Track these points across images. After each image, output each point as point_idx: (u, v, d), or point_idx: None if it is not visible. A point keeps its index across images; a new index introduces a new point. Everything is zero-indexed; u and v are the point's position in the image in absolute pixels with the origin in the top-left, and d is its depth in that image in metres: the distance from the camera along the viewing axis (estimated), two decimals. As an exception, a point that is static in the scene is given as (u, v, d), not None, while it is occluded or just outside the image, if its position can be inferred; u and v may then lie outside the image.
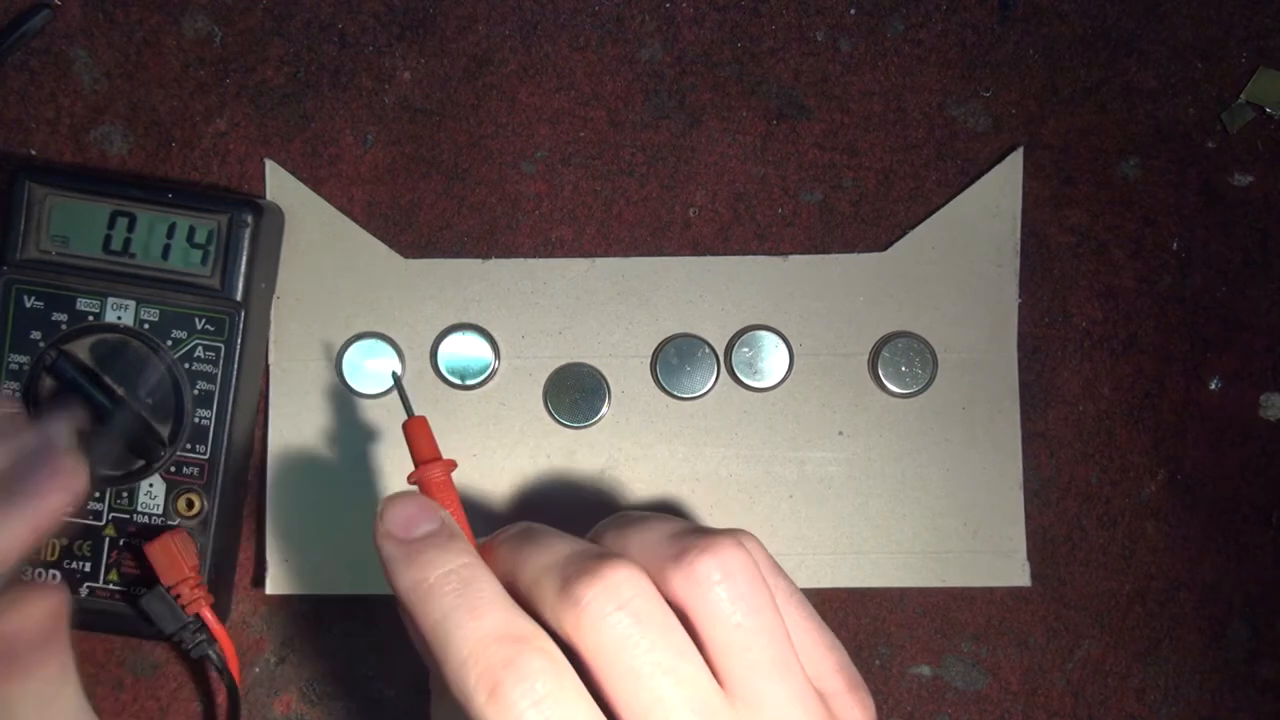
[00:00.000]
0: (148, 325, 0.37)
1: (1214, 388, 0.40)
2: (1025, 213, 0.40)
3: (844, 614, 0.40)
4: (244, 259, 0.37)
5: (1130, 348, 0.40)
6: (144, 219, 0.37)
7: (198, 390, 0.38)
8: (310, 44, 0.40)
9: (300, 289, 0.40)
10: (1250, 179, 0.40)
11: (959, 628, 0.40)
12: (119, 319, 0.37)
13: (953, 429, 0.40)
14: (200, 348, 0.37)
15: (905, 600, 0.40)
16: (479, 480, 0.40)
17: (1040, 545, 0.40)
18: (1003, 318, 0.40)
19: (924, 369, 0.39)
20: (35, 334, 0.37)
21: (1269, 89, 0.40)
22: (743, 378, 0.40)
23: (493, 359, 0.40)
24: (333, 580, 0.40)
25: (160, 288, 0.37)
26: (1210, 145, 0.40)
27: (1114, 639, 0.40)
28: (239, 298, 0.37)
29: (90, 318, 0.37)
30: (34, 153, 0.40)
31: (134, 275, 0.37)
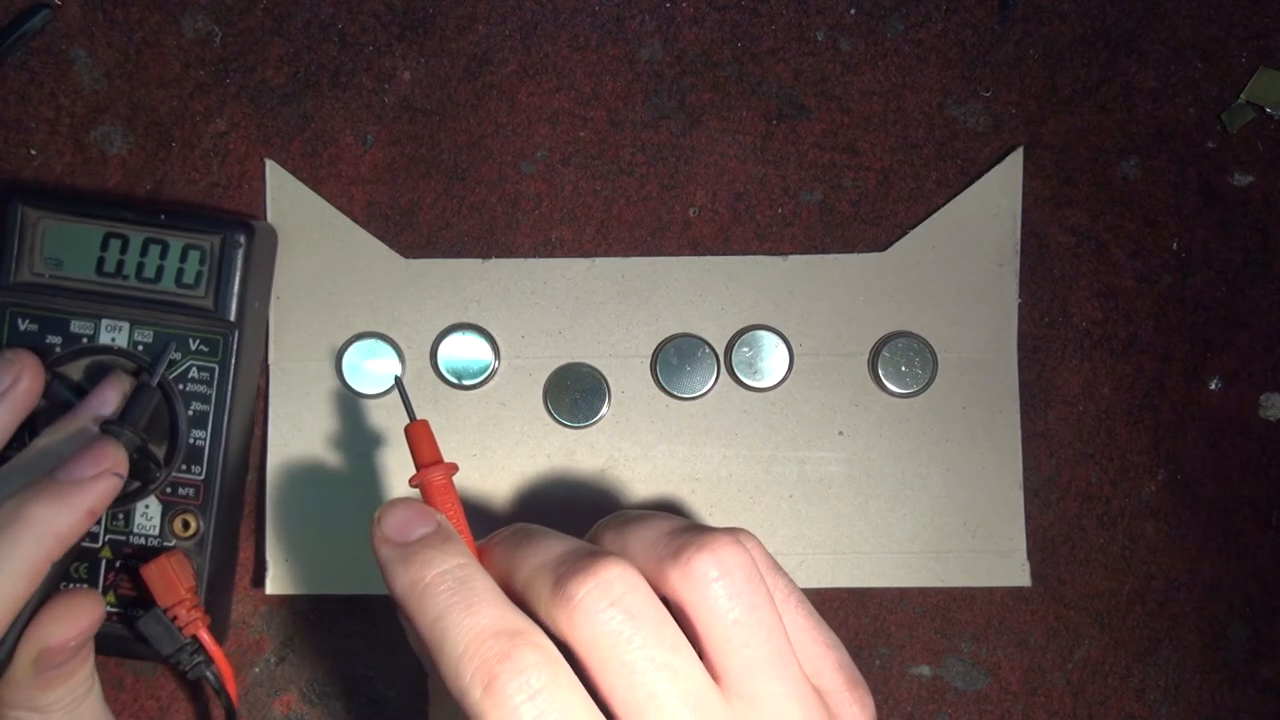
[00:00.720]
0: (142, 347, 0.37)
1: (1214, 387, 0.40)
2: (1025, 213, 0.40)
3: (844, 614, 0.40)
4: (237, 279, 0.37)
5: (1130, 348, 0.40)
6: (137, 241, 0.37)
7: (192, 411, 0.38)
8: (310, 44, 0.40)
9: (300, 289, 0.40)
10: (1250, 179, 0.40)
11: (959, 628, 0.40)
12: (113, 341, 0.37)
13: (953, 429, 0.40)
14: (194, 369, 0.37)
15: (905, 600, 0.40)
16: (479, 480, 0.40)
17: (1040, 545, 0.40)
18: (1003, 318, 0.40)
19: (924, 369, 0.39)
20: None
21: (1269, 89, 0.40)
22: (743, 378, 0.40)
23: (493, 359, 0.40)
24: (333, 580, 0.40)
25: (154, 309, 0.37)
26: (1210, 145, 0.40)
27: (1114, 639, 0.40)
28: (232, 318, 0.37)
29: (84, 340, 0.37)
30: (34, 153, 0.40)
31: (127, 297, 0.37)
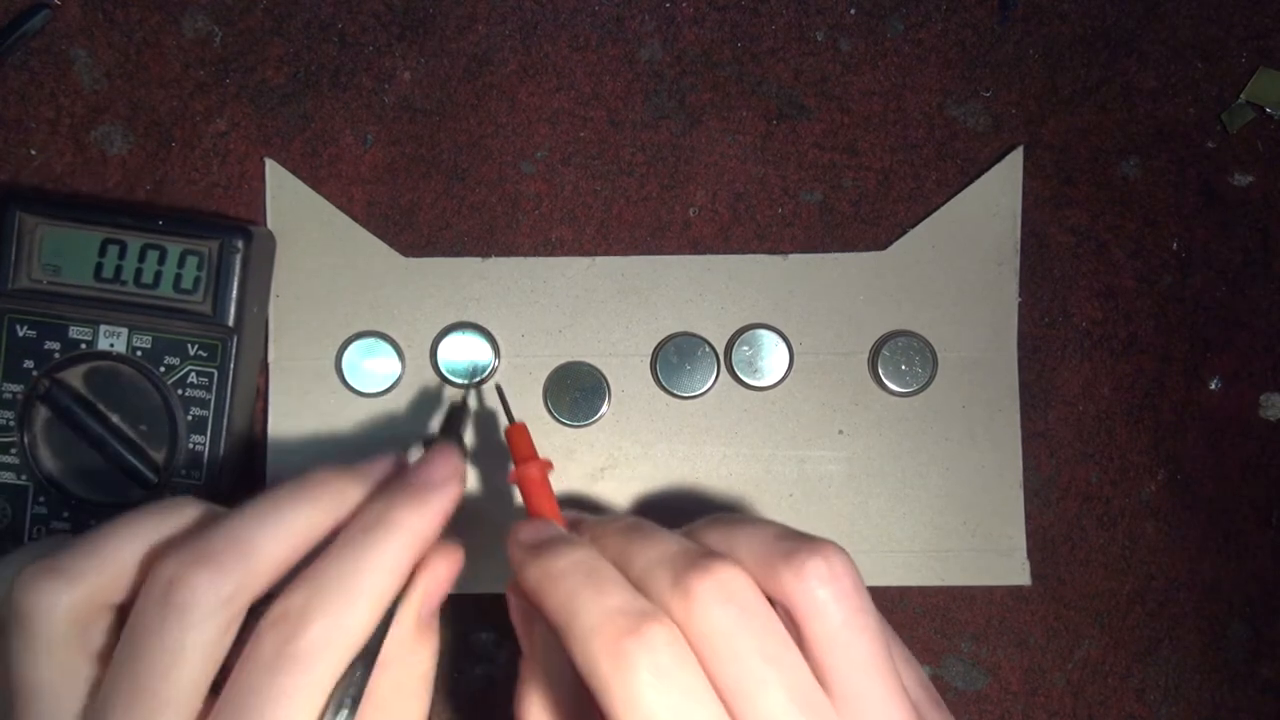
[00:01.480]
0: (140, 352, 0.38)
1: (1214, 387, 0.40)
2: (1025, 212, 0.40)
3: (844, 614, 0.40)
4: (235, 284, 0.37)
5: (1130, 348, 0.40)
6: (135, 246, 0.37)
7: (191, 416, 0.38)
8: (310, 44, 0.40)
9: (300, 288, 0.40)
10: (1250, 179, 0.40)
11: (959, 628, 0.40)
12: (111, 346, 0.37)
13: (953, 427, 0.40)
14: (193, 373, 0.38)
15: (905, 600, 0.40)
16: (479, 480, 0.40)
17: (1040, 545, 0.40)
18: (1003, 316, 0.40)
19: (924, 368, 0.39)
20: (28, 363, 0.37)
21: (1269, 89, 0.40)
22: (743, 376, 0.40)
23: (493, 358, 0.40)
24: (332, 580, 0.40)
25: (152, 314, 0.37)
26: (1210, 145, 0.40)
27: (1114, 639, 0.40)
28: (231, 323, 0.37)
29: (83, 346, 0.37)
30: (34, 153, 0.40)
31: (126, 303, 0.37)
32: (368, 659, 0.28)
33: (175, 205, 0.40)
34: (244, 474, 0.40)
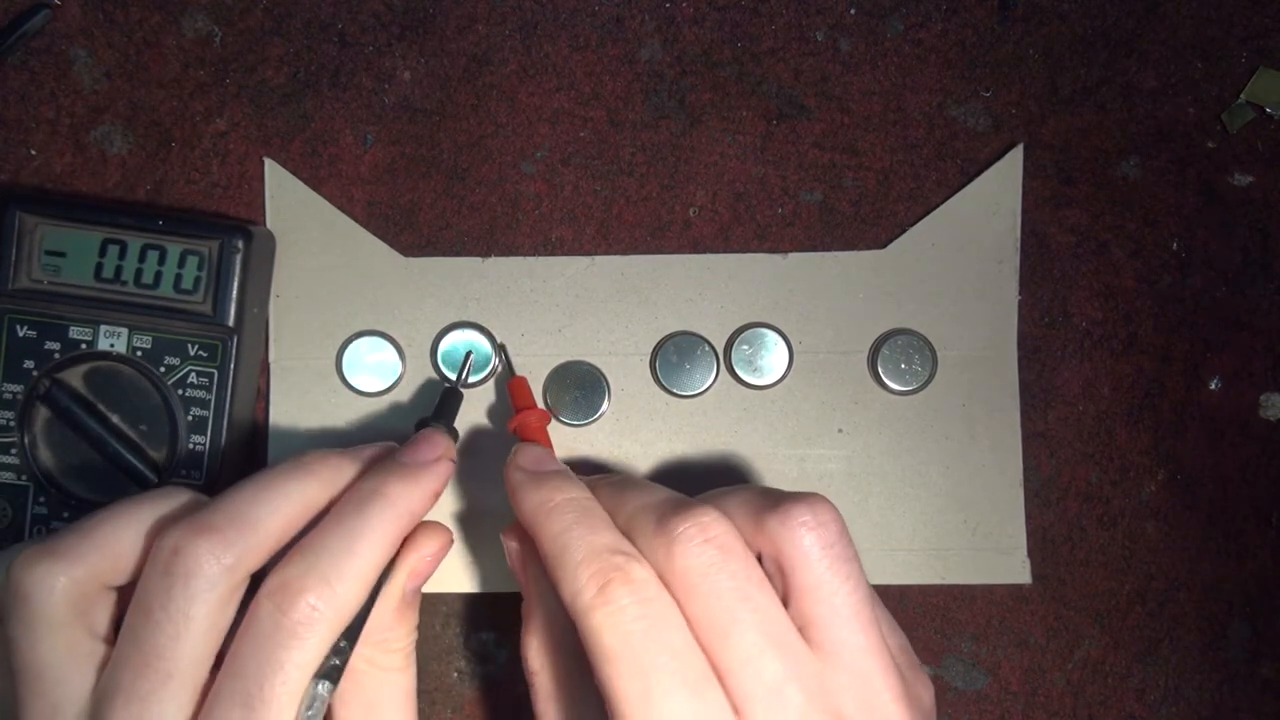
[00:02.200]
0: (140, 352, 0.38)
1: (1214, 387, 0.40)
2: (1025, 212, 0.40)
3: (844, 614, 0.40)
4: (235, 284, 0.37)
5: (1130, 348, 0.40)
6: (135, 246, 0.37)
7: (191, 416, 0.38)
8: (310, 44, 0.40)
9: (300, 288, 0.40)
10: (1250, 179, 0.40)
11: (959, 627, 0.40)
12: (112, 346, 0.37)
13: (952, 426, 0.40)
14: (193, 374, 0.38)
15: (905, 600, 0.40)
16: (479, 480, 0.40)
17: (1040, 545, 0.40)
18: (1003, 315, 0.40)
19: (924, 366, 0.39)
20: (28, 363, 0.37)
21: (1269, 89, 0.40)
22: (742, 375, 0.40)
23: (493, 357, 0.40)
24: (332, 579, 0.40)
25: (152, 315, 0.37)
26: (1210, 145, 0.40)
27: (1114, 639, 0.40)
28: (231, 323, 0.37)
29: (83, 346, 0.37)
30: (34, 153, 0.40)
31: (126, 303, 0.37)
32: (351, 634, 0.29)
33: (175, 205, 0.40)
34: (244, 474, 0.40)
